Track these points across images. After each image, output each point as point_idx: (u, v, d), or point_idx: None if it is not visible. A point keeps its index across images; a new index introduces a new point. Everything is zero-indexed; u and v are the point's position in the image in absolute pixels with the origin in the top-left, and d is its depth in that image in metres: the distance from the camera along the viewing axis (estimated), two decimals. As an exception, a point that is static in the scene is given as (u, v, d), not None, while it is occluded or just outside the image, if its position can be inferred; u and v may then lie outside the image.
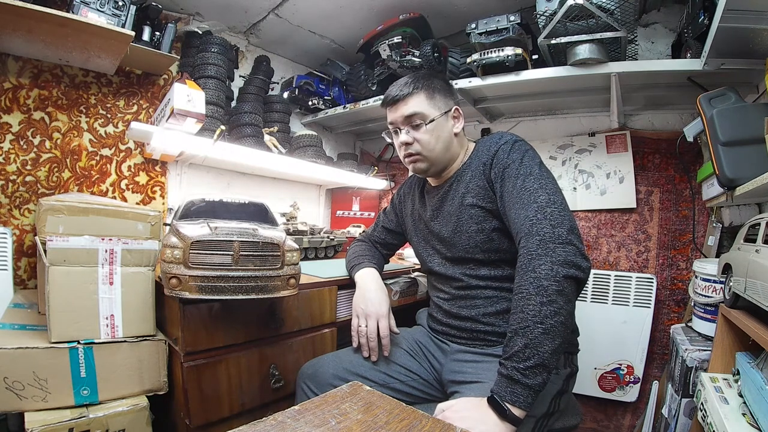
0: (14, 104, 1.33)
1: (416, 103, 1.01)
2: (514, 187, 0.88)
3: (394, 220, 1.29)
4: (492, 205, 0.95)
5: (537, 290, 0.73)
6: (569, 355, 0.97)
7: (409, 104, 1.01)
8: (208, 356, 0.97)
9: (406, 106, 1.02)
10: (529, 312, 0.73)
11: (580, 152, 1.82)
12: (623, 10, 1.24)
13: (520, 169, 0.90)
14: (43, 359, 0.86)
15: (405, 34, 1.70)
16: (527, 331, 0.72)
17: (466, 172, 1.02)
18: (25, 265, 1.34)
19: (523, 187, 0.86)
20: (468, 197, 0.99)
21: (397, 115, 1.03)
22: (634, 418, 1.66)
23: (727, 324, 0.97)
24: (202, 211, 1.02)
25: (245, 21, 1.84)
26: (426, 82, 1.03)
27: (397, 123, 1.04)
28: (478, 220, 0.97)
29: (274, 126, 1.86)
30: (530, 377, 0.70)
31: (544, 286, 0.73)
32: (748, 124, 1.05)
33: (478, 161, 1.01)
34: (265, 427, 0.50)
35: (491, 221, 0.96)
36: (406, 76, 1.06)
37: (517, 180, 0.88)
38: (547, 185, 0.86)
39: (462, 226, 1.00)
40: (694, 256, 1.59)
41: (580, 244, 0.78)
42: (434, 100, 1.02)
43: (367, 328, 1.03)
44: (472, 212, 0.98)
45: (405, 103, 1.02)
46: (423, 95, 1.02)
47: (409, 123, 1.02)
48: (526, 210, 0.83)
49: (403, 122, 1.03)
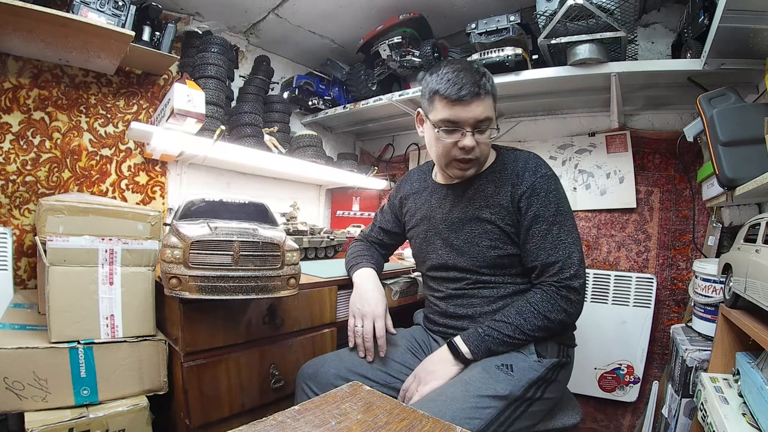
0: (14, 104, 1.33)
1: (489, 106, 0.92)
2: (549, 232, 0.94)
3: (392, 219, 1.26)
4: (511, 228, 0.97)
5: (541, 320, 0.90)
6: (563, 347, 0.97)
7: (484, 106, 0.91)
8: (208, 356, 0.97)
9: (482, 107, 0.90)
10: (527, 323, 0.90)
11: (580, 152, 1.82)
12: (623, 10, 1.24)
13: (556, 216, 0.94)
14: (43, 359, 0.86)
15: (405, 34, 1.70)
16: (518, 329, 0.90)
17: (489, 185, 1.00)
18: (25, 265, 1.34)
19: (558, 238, 0.93)
20: (486, 212, 0.99)
21: (469, 116, 0.90)
22: (634, 418, 1.66)
23: (727, 324, 0.97)
24: (202, 211, 1.02)
25: (245, 21, 1.84)
26: (492, 82, 0.93)
27: (466, 123, 0.91)
28: (492, 238, 0.98)
29: (274, 126, 1.86)
30: (493, 343, 0.90)
31: (546, 322, 0.91)
32: (748, 124, 1.05)
33: (504, 178, 0.98)
34: (265, 427, 0.50)
35: (507, 245, 0.98)
36: (471, 70, 0.91)
37: (552, 227, 0.94)
38: (576, 240, 0.95)
39: (474, 239, 1.00)
40: (694, 256, 1.59)
41: (582, 296, 0.94)
42: (496, 103, 0.96)
43: (363, 328, 1.03)
44: (488, 228, 0.99)
45: (481, 104, 0.90)
46: (492, 98, 0.93)
47: (478, 126, 0.92)
48: (564, 258, 0.92)
49: (473, 124, 0.91)
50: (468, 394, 0.80)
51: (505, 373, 0.86)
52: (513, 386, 0.84)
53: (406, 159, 2.38)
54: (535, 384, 0.88)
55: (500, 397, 0.82)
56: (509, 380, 0.85)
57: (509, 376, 0.86)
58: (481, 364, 0.89)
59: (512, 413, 0.84)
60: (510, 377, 0.86)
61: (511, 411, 0.83)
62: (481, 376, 0.85)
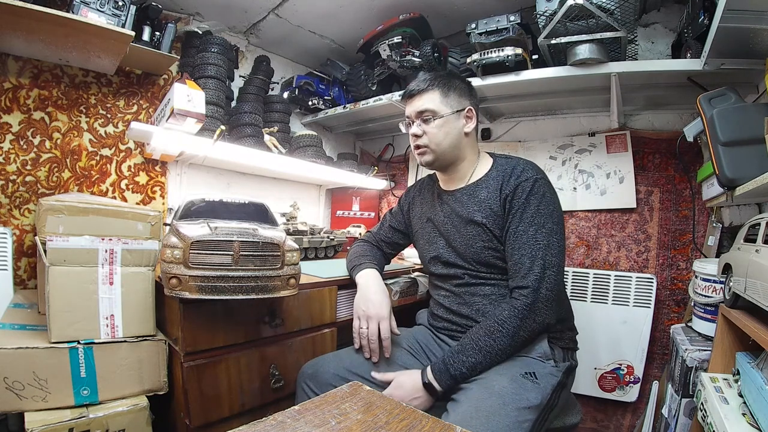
0: (14, 104, 1.33)
1: (429, 99, 1.07)
2: (525, 233, 0.96)
3: (402, 220, 1.30)
4: (500, 231, 1.01)
5: (507, 332, 0.91)
6: (568, 351, 1.02)
7: (423, 100, 1.07)
8: (208, 356, 0.97)
9: (420, 101, 1.08)
10: (490, 343, 0.91)
11: (580, 152, 1.82)
12: (623, 10, 1.24)
13: (535, 218, 0.96)
14: (43, 359, 0.86)
15: (405, 34, 1.70)
16: (478, 352, 0.91)
17: (482, 191, 1.06)
18: (25, 265, 1.34)
19: (535, 239, 0.95)
20: (478, 215, 1.03)
21: (411, 109, 1.10)
22: (634, 418, 1.66)
23: (727, 324, 0.97)
24: (202, 211, 1.02)
25: (245, 21, 1.84)
26: (443, 80, 1.09)
27: (412, 116, 1.10)
28: (485, 239, 1.03)
29: (274, 126, 1.86)
30: (458, 374, 0.90)
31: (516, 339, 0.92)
32: (748, 124, 1.05)
33: (495, 184, 1.04)
34: (265, 427, 0.50)
35: (500, 247, 1.01)
36: (428, 73, 1.14)
37: (529, 228, 0.96)
38: (553, 244, 0.95)
39: (470, 240, 1.05)
40: (694, 256, 1.58)
41: (553, 309, 0.94)
42: (448, 98, 1.08)
43: (368, 329, 1.04)
44: (480, 230, 1.03)
45: (419, 98, 1.08)
46: (437, 92, 1.07)
47: (421, 117, 1.08)
48: (531, 261, 0.93)
49: (416, 116, 1.09)
50: (506, 408, 0.80)
51: (531, 381, 0.88)
52: (542, 394, 0.86)
53: (406, 159, 2.38)
54: (556, 389, 0.91)
55: (534, 408, 0.83)
56: (537, 388, 0.87)
57: (536, 384, 0.88)
58: (506, 373, 0.89)
59: (542, 422, 0.86)
60: (537, 385, 0.87)
61: (541, 420, 0.85)
62: (512, 387, 0.85)
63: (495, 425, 0.77)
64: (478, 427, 0.74)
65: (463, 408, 0.83)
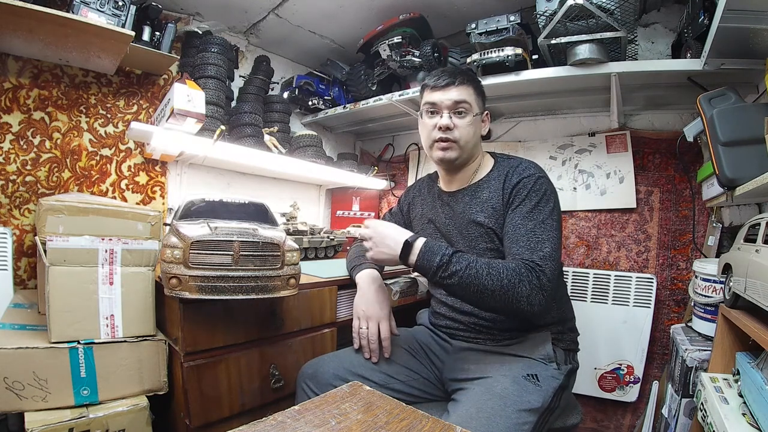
0: (14, 104, 1.33)
1: (467, 92, 1.02)
2: (524, 226, 0.93)
3: (402, 220, 1.29)
4: (502, 230, 0.99)
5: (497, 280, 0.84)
6: (570, 353, 1.02)
7: (461, 91, 1.02)
8: (208, 356, 0.97)
9: (458, 91, 1.01)
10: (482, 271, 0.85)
11: (580, 152, 1.82)
12: (623, 10, 1.24)
13: (533, 213, 0.94)
14: (43, 359, 0.86)
15: (405, 34, 1.70)
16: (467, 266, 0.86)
17: (484, 191, 1.04)
18: (25, 265, 1.34)
19: (533, 232, 0.91)
20: (480, 215, 1.02)
21: (445, 97, 1.02)
22: (634, 418, 1.66)
23: (727, 324, 0.97)
24: (202, 211, 1.02)
25: (245, 21, 1.84)
26: (476, 79, 1.07)
27: (442, 105, 1.02)
28: (487, 240, 1.01)
29: (274, 126, 1.86)
30: (438, 260, 0.87)
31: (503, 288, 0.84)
32: (748, 124, 1.05)
33: (497, 183, 1.02)
34: (265, 427, 0.50)
35: (502, 248, 0.99)
36: (452, 68, 1.10)
37: (528, 222, 0.93)
38: (551, 238, 0.91)
39: (473, 242, 1.03)
40: (694, 256, 1.58)
41: (546, 299, 0.86)
42: (479, 97, 1.06)
43: (368, 330, 1.04)
44: (483, 231, 1.02)
45: (457, 89, 1.01)
46: (472, 89, 1.04)
47: (455, 109, 1.02)
48: (530, 252, 0.88)
49: (449, 106, 1.02)
50: (508, 410, 0.81)
51: (533, 384, 0.88)
52: (543, 397, 0.86)
53: (406, 159, 2.38)
54: (557, 392, 0.91)
55: (535, 410, 0.83)
56: (539, 391, 0.87)
57: (537, 386, 0.88)
58: (509, 375, 0.90)
59: (543, 425, 0.86)
60: (539, 388, 0.87)
61: (542, 422, 0.85)
62: (513, 389, 0.85)
63: (495, 426, 0.77)
64: (478, 428, 0.75)
65: (463, 408, 0.83)
